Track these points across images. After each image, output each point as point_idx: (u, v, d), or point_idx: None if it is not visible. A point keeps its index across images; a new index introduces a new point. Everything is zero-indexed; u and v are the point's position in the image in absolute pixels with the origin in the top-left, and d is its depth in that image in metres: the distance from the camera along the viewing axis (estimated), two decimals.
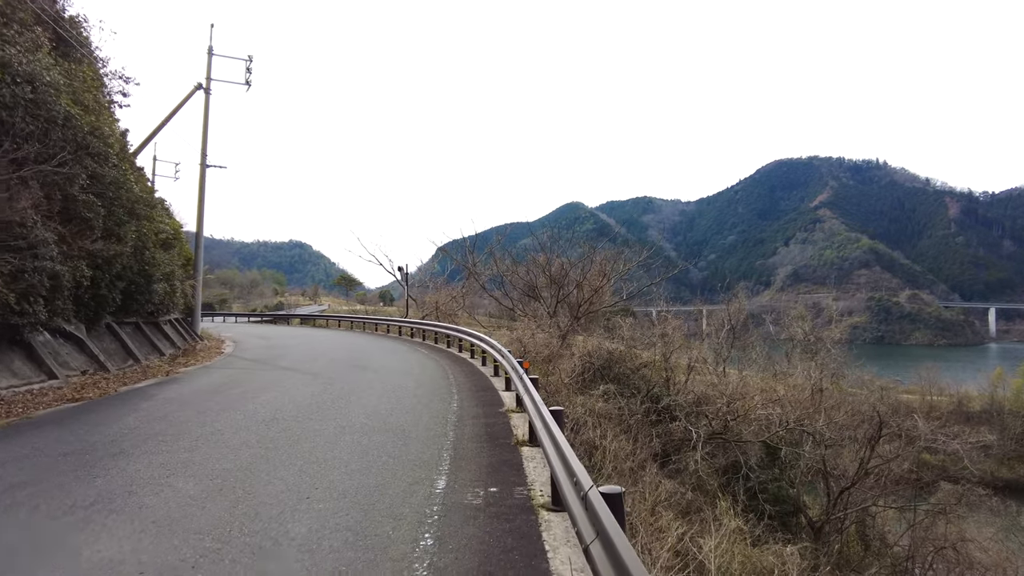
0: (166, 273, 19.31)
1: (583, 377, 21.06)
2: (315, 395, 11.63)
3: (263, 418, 9.29)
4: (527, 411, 7.51)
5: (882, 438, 21.80)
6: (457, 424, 8.78)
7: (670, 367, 23.36)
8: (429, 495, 5.59)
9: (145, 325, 18.95)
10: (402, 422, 8.95)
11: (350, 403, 10.68)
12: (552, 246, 30.21)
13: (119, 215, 15.36)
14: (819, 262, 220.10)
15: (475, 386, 13.06)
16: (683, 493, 16.77)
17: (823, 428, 20.86)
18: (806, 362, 24.58)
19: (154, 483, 5.92)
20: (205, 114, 26.90)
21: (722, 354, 26.17)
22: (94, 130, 14.16)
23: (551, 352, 21.42)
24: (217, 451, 7.20)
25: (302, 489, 5.74)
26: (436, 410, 9.98)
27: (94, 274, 14.29)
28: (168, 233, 20.67)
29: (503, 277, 30.78)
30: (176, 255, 21.78)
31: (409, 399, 11.17)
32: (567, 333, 26.19)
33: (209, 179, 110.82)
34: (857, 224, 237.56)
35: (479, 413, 9.71)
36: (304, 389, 12.46)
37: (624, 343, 23.96)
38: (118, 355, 15.96)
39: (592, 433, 16.66)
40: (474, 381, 13.87)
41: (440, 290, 37.54)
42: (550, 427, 5.63)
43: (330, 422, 8.97)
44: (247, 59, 27.95)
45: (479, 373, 15.51)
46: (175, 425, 8.73)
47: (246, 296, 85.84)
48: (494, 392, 12.18)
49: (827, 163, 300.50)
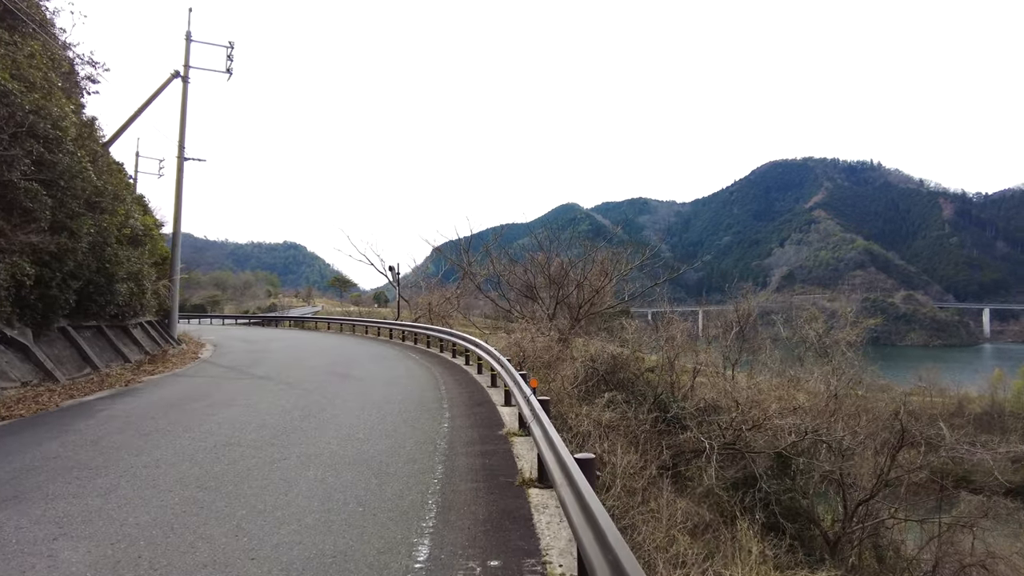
0: (132, 272, 17.68)
1: (586, 384, 19.56)
2: (286, 411, 10.06)
3: (216, 443, 7.73)
4: (534, 438, 5.96)
5: (903, 447, 20.45)
6: (447, 453, 7.21)
7: (676, 372, 21.90)
8: (404, 573, 4.03)
9: (109, 329, 17.34)
10: (381, 449, 7.38)
11: (323, 422, 9.11)
12: (551, 245, 28.66)
13: (72, 207, 13.77)
14: (814, 263, 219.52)
15: (469, 399, 11.49)
16: (698, 512, 15.31)
17: (842, 437, 19.42)
18: (821, 366, 23.11)
19: (29, 551, 4.34)
20: (183, 104, 25.34)
21: (730, 358, 24.70)
22: (39, 109, 12.56)
23: (551, 357, 19.89)
24: (140, 494, 5.64)
25: (233, 561, 4.18)
26: (423, 432, 8.40)
27: (40, 272, 12.69)
28: (137, 229, 19.03)
29: (500, 277, 29.16)
30: (146, 253, 20.15)
31: (393, 416, 9.60)
32: (567, 336, 24.68)
33: (201, 178, 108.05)
34: (852, 225, 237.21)
35: (474, 437, 8.13)
36: (275, 403, 10.89)
37: (629, 346, 22.45)
38: (72, 363, 14.34)
39: (599, 447, 15.17)
40: (468, 393, 12.28)
41: (434, 291, 35.92)
42: (580, 490, 3.91)
43: (294, 449, 7.41)
44: (228, 46, 26.42)
45: (474, 383, 13.93)
46: (104, 453, 7.16)
47: (239, 298, 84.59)
48: (491, 407, 10.59)
49: (822, 164, 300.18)
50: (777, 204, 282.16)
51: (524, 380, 8.24)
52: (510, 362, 12.09)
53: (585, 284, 26.84)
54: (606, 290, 27.74)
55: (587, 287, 26.91)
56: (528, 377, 8.52)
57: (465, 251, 32.38)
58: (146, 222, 21.34)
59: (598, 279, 27.20)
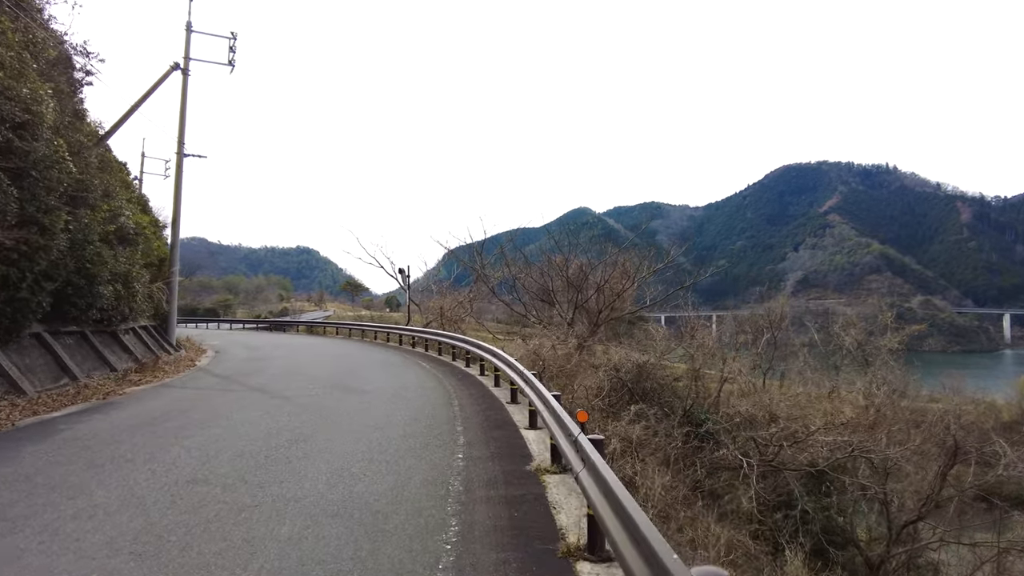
0: (120, 273, 16.31)
1: (609, 396, 18.02)
2: (272, 433, 8.58)
3: (177, 478, 6.26)
4: (586, 495, 4.38)
5: (956, 464, 18.80)
6: (463, 500, 5.66)
7: (705, 382, 20.31)
8: None
9: (95, 335, 15.97)
10: (379, 491, 5.86)
11: (314, 449, 7.62)
12: (570, 248, 27.10)
13: (45, 200, 12.39)
14: (829, 267, 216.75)
15: (486, 419, 9.93)
16: (742, 541, 13.73)
17: (889, 453, 17.77)
18: (861, 376, 21.49)
19: None
20: (183, 98, 24.11)
21: (761, 366, 23.08)
22: (5, 90, 11.21)
23: (572, 365, 18.36)
24: (49, 565, 4.16)
25: None
26: (433, 465, 6.86)
27: (7, 272, 11.33)
28: (128, 228, 17.67)
29: (515, 280, 27.57)
30: (139, 253, 18.78)
31: (397, 442, 8.09)
32: (586, 342, 23.13)
33: (214, 181, 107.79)
34: (867, 229, 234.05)
35: (496, 474, 6.56)
36: (262, 422, 9.42)
37: (655, 354, 20.91)
38: (46, 373, 12.96)
39: (630, 468, 13.69)
40: (485, 411, 10.72)
41: (446, 295, 34.45)
42: None
43: (272, 489, 5.91)
44: (230, 36, 25.17)
45: (490, 397, 12.36)
46: (32, 495, 5.69)
47: (251, 302, 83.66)
48: (513, 430, 9.02)
49: (836, 168, 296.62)
50: (791, 208, 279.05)
51: (557, 402, 6.68)
52: (538, 380, 10.64)
53: (605, 288, 25.30)
54: (627, 294, 26.20)
55: (607, 291, 25.37)
56: (560, 398, 6.95)
57: (478, 253, 30.87)
58: (140, 220, 19.98)
59: (619, 282, 25.67)
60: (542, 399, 7.35)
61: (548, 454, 7.01)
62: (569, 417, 5.84)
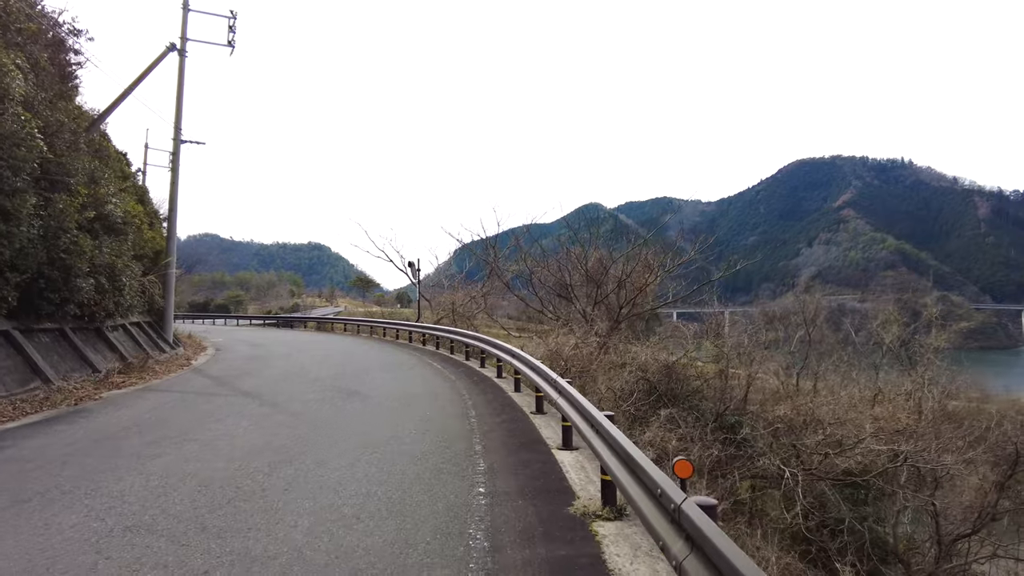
0: (103, 265, 14.90)
1: (635, 399, 16.46)
2: (253, 452, 7.12)
3: (115, 524, 4.80)
4: (642, 520, 2.80)
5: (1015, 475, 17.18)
6: (491, 567, 4.07)
7: (741, 383, 18.73)
8: None
9: (77, 333, 14.60)
10: (375, 547, 4.34)
11: (298, 476, 6.14)
12: (590, 238, 25.49)
13: (10, 181, 11.01)
14: (843, 263, 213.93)
15: (511, 435, 8.32)
16: (792, 565, 12.21)
17: (945, 462, 16.16)
18: (905, 376, 19.87)
19: None
20: (179, 80, 22.73)
21: (794, 366, 21.44)
22: None
23: (596, 366, 16.84)
24: None
25: None
26: (447, 508, 5.27)
27: None
28: (115, 216, 16.26)
29: (531, 274, 25.95)
30: (129, 244, 17.40)
31: (402, 467, 6.57)
32: (606, 340, 21.55)
33: (226, 178, 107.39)
34: (882, 224, 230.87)
35: (531, 521, 4.93)
36: (245, 438, 7.96)
37: (686, 353, 19.35)
38: (14, 375, 11.55)
39: None
40: (508, 424, 9.12)
41: (457, 289, 32.89)
42: None
43: (232, 542, 4.43)
44: (230, 15, 23.74)
45: (512, 406, 10.78)
46: None
47: (262, 298, 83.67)
48: (544, 451, 7.40)
49: (850, 162, 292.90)
50: (804, 203, 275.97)
51: (613, 425, 5.12)
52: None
53: (627, 282, 23.71)
54: (650, 288, 24.61)
55: (629, 285, 23.78)
56: (676, 459, 5.37)
57: (492, 246, 29.29)
58: (132, 210, 18.58)
59: (641, 276, 24.06)
60: (591, 423, 5.74)
61: (594, 489, 5.49)
62: (652, 466, 4.00)
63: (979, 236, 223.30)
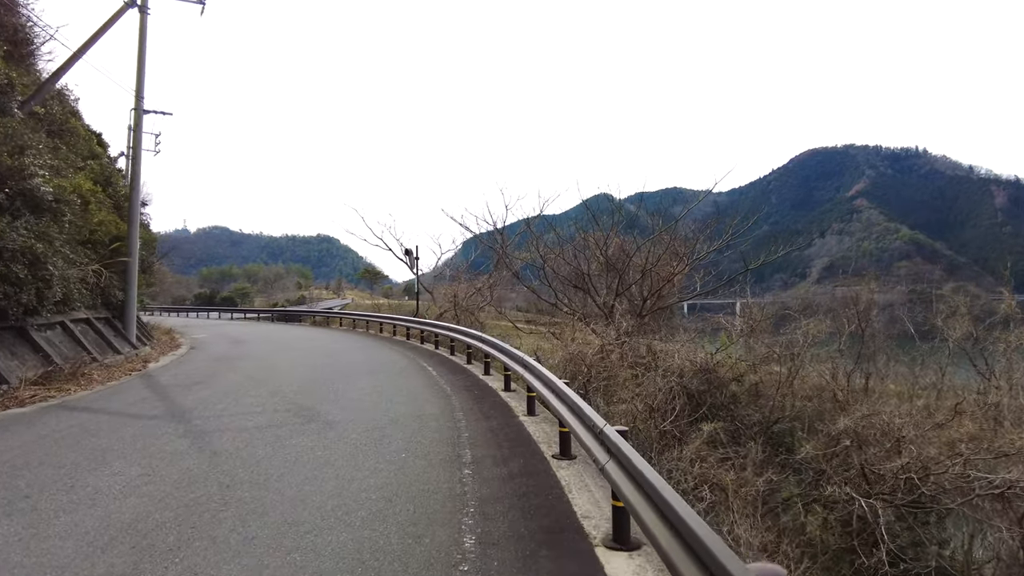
0: (14, 250, 12.03)
1: (671, 411, 13.51)
2: (121, 530, 4.25)
3: None
4: None
5: None
6: None
7: (794, 390, 15.81)
8: None
9: None
10: None
11: None
12: (611, 221, 22.50)
13: None
14: (857, 253, 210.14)
15: (527, 512, 5.11)
16: None
17: None
18: (983, 380, 16.90)
19: None
20: (141, 41, 19.87)
21: (845, 367, 18.46)
22: None
23: (625, 375, 13.93)
24: None
25: None
26: None
27: None
28: (43, 194, 13.42)
29: (544, 262, 22.87)
30: (63, 226, 14.55)
31: None
32: (629, 337, 18.56)
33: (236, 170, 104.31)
34: (896, 214, 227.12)
35: None
36: (111, 505, 5.07)
37: (721, 348, 16.44)
38: None
39: (720, 525, 9.40)
40: (520, 478, 6.02)
41: (460, 281, 29.99)
42: None
43: None
44: None
45: (525, 440, 7.62)
46: None
47: (269, 290, 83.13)
48: (587, 552, 4.31)
49: (864, 152, 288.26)
50: (817, 193, 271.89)
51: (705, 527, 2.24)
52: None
53: (652, 272, 20.74)
54: (678, 278, 21.67)
55: (654, 275, 20.82)
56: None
57: (500, 232, 26.27)
58: (71, 185, 15.74)
59: (668, 264, 21.10)
60: (665, 516, 2.73)
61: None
62: None
63: (996, 226, 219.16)
